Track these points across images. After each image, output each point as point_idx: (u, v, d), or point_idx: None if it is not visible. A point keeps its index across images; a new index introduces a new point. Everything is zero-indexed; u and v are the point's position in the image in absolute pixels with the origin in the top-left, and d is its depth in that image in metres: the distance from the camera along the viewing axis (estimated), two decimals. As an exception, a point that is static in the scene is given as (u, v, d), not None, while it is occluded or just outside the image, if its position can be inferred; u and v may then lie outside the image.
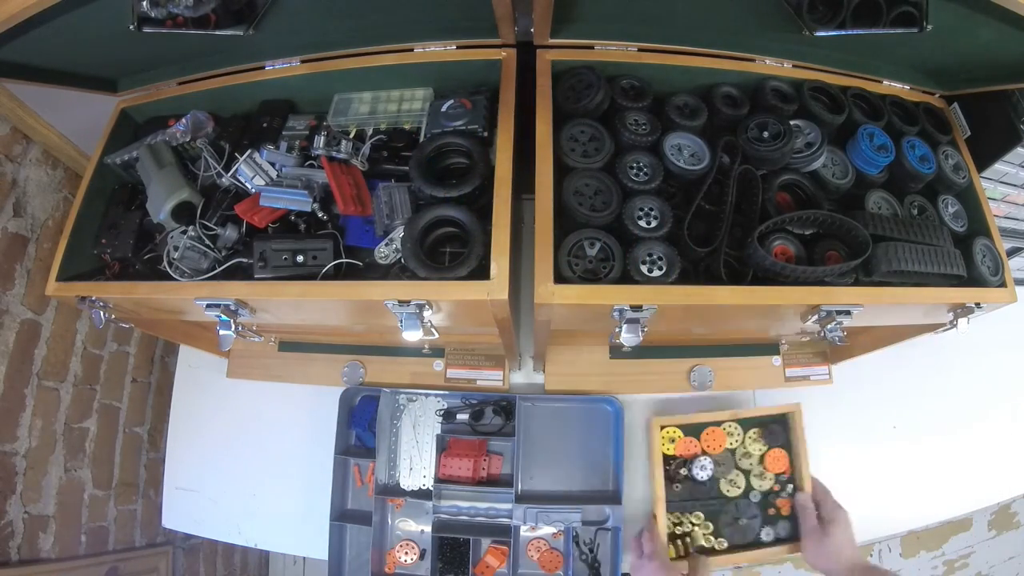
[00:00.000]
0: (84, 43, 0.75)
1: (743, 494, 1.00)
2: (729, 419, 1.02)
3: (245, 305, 0.70)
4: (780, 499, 1.00)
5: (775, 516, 1.00)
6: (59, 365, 1.07)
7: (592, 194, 0.69)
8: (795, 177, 0.75)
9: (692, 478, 1.00)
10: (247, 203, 0.73)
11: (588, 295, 0.62)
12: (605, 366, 1.12)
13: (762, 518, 1.00)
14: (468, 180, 0.69)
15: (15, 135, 0.96)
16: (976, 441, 1.15)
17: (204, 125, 0.83)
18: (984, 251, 0.76)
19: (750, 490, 1.01)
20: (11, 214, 0.96)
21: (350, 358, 1.14)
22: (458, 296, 0.62)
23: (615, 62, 0.79)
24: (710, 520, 0.99)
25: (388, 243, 0.71)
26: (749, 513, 0.99)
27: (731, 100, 0.79)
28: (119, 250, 0.78)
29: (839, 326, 0.69)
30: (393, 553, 1.02)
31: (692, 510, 0.99)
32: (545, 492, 1.04)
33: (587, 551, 1.00)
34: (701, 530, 0.98)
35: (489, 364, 1.12)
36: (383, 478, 1.02)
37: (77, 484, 1.12)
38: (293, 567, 2.05)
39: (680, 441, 1.01)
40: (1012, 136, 0.80)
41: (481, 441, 1.04)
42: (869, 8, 0.70)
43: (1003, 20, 0.66)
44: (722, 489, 1.00)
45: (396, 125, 0.80)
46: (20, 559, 0.97)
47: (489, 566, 1.00)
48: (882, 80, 0.85)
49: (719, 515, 1.00)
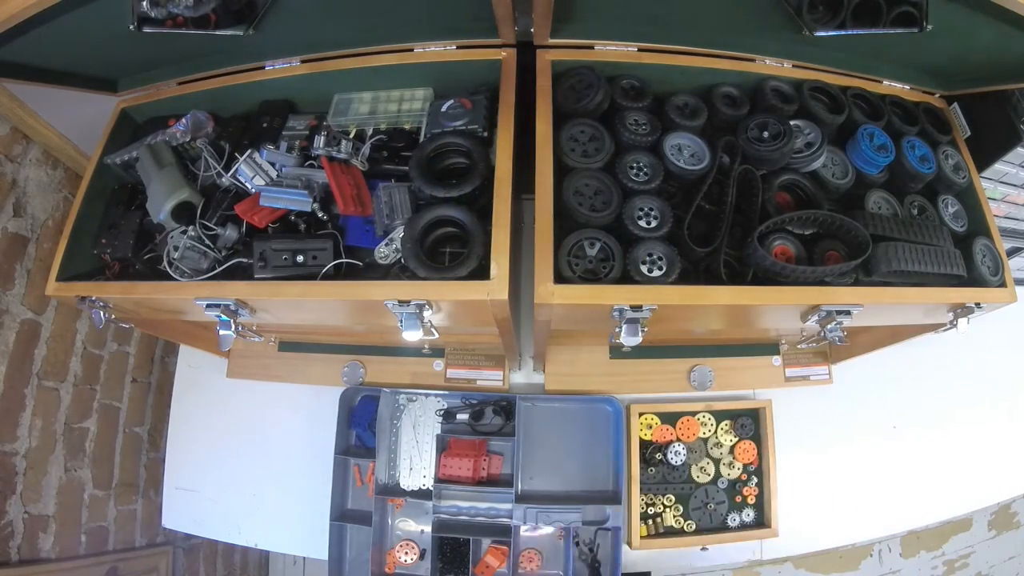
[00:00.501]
0: (84, 43, 0.75)
1: (712, 481, 1.08)
2: (703, 410, 1.09)
3: (245, 305, 0.70)
4: (747, 488, 1.08)
5: (741, 503, 1.08)
6: (59, 365, 1.07)
7: (592, 194, 0.69)
8: (795, 177, 0.75)
9: (666, 462, 1.07)
10: (247, 203, 0.73)
11: (588, 295, 0.62)
12: (605, 366, 1.12)
13: (729, 504, 1.08)
14: (468, 180, 0.69)
15: (15, 135, 0.96)
16: (976, 441, 1.15)
17: (204, 125, 0.83)
18: (984, 251, 0.76)
19: (719, 477, 1.08)
20: (11, 214, 0.95)
21: (350, 358, 1.14)
22: (458, 296, 0.62)
23: (615, 62, 0.79)
24: (680, 503, 1.07)
25: (388, 243, 0.71)
26: (717, 499, 1.07)
27: (731, 100, 0.79)
28: (119, 250, 0.78)
29: (839, 326, 0.69)
30: (393, 553, 1.02)
31: (664, 492, 1.06)
32: (545, 492, 1.04)
33: (587, 551, 1.00)
34: (671, 512, 1.05)
35: (489, 364, 1.12)
36: (383, 478, 1.02)
37: (77, 484, 1.12)
38: (293, 567, 2.05)
39: (657, 428, 1.07)
40: (1012, 136, 0.80)
41: (481, 441, 1.04)
42: (869, 8, 0.70)
43: (1003, 20, 0.66)
44: (693, 475, 1.08)
45: (396, 125, 0.80)
46: (20, 559, 0.97)
47: (489, 566, 1.00)
48: (882, 80, 0.85)
49: (689, 499, 1.07)
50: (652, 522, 1.04)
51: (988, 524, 1.98)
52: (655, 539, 1.04)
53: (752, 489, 1.07)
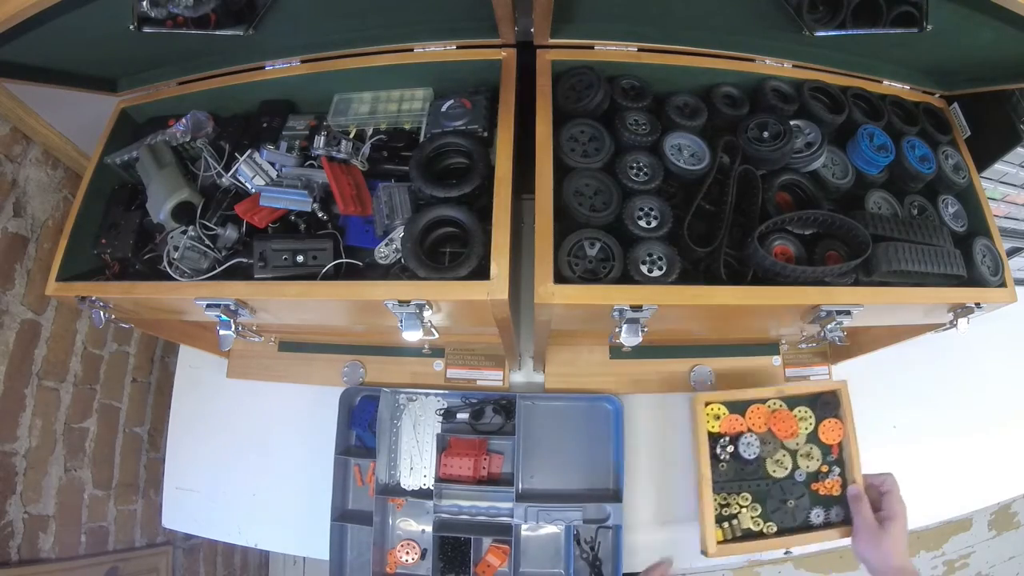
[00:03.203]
0: (84, 43, 0.75)
1: (789, 475, 0.95)
2: (774, 396, 0.98)
3: (245, 305, 0.70)
4: (829, 480, 0.95)
5: (824, 498, 0.96)
6: (59, 365, 1.07)
7: (592, 194, 0.69)
8: (795, 177, 0.75)
9: (739, 456, 0.95)
10: (247, 203, 0.73)
11: (588, 295, 0.62)
12: (605, 366, 1.12)
13: (810, 499, 0.95)
14: (468, 180, 0.69)
15: (15, 135, 0.96)
16: (976, 441, 1.15)
17: (204, 125, 0.83)
18: (984, 251, 0.76)
19: (796, 470, 0.96)
20: (11, 214, 0.95)
21: (350, 358, 1.14)
22: (458, 296, 0.62)
23: (615, 62, 0.79)
24: (757, 502, 0.95)
25: (388, 243, 0.71)
26: (796, 493, 0.94)
27: (731, 100, 0.79)
28: (119, 250, 0.78)
29: (839, 326, 0.69)
30: (394, 553, 1.02)
31: (739, 491, 0.94)
32: (546, 491, 1.04)
33: (588, 550, 1.01)
34: (748, 512, 0.94)
35: (489, 364, 1.12)
36: (384, 478, 1.02)
37: (77, 484, 1.12)
38: (293, 567, 2.05)
39: (725, 418, 0.96)
40: (1012, 136, 0.80)
41: (481, 440, 1.04)
42: (869, 8, 0.70)
43: (1003, 20, 0.66)
44: (768, 469, 0.96)
45: (396, 125, 0.80)
46: (20, 559, 0.97)
47: (490, 565, 1.00)
48: (882, 80, 0.85)
49: (766, 497, 0.95)
50: (728, 525, 0.93)
51: (988, 524, 1.98)
52: (733, 543, 0.92)
53: (834, 481, 0.95)
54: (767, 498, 0.95)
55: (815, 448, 0.97)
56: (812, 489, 0.96)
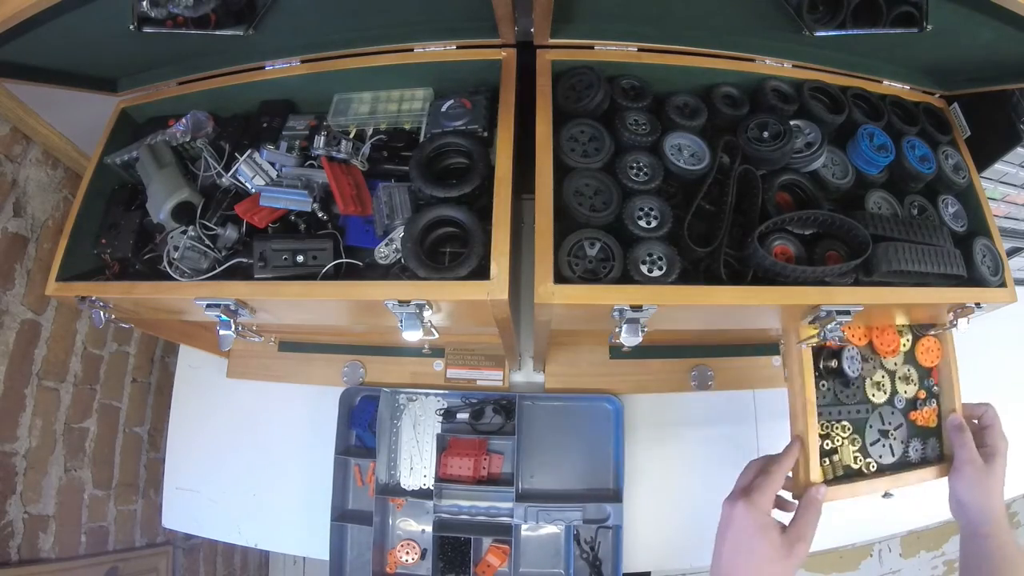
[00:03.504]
0: (84, 43, 0.75)
1: (888, 400, 0.81)
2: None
3: (245, 305, 0.70)
4: (927, 408, 0.82)
5: (921, 429, 0.82)
6: (59, 365, 1.07)
7: (592, 194, 0.69)
8: (795, 177, 0.75)
9: (842, 371, 0.79)
10: (247, 203, 0.73)
11: (588, 295, 0.62)
12: (605, 366, 1.12)
13: (907, 429, 0.81)
14: (468, 180, 0.69)
15: (15, 135, 0.96)
16: (976, 441, 1.14)
17: (204, 125, 0.83)
18: (984, 251, 0.76)
19: (895, 395, 0.82)
20: (11, 214, 0.96)
21: (350, 358, 1.14)
22: (458, 296, 0.62)
23: (615, 62, 0.79)
24: (857, 433, 0.79)
25: (388, 243, 0.71)
26: (895, 423, 0.81)
27: (731, 100, 0.79)
28: (119, 250, 0.78)
29: (839, 326, 0.69)
30: (394, 553, 1.02)
31: (839, 418, 0.78)
32: (546, 491, 1.04)
33: (588, 549, 1.01)
34: (849, 445, 0.78)
35: (489, 364, 1.12)
36: (384, 478, 1.02)
37: (77, 484, 1.12)
38: (293, 567, 2.05)
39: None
40: (1012, 136, 0.80)
41: (481, 440, 1.04)
42: (869, 8, 0.70)
43: (1003, 20, 0.66)
44: (868, 393, 0.81)
45: (396, 125, 0.80)
46: (20, 559, 0.97)
47: (490, 565, 1.00)
48: (882, 80, 0.85)
49: (864, 427, 0.79)
50: (829, 461, 0.76)
51: (988, 524, 1.97)
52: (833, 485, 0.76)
53: (932, 410, 0.82)
54: (865, 428, 0.80)
55: (913, 370, 0.83)
56: (910, 419, 0.82)
